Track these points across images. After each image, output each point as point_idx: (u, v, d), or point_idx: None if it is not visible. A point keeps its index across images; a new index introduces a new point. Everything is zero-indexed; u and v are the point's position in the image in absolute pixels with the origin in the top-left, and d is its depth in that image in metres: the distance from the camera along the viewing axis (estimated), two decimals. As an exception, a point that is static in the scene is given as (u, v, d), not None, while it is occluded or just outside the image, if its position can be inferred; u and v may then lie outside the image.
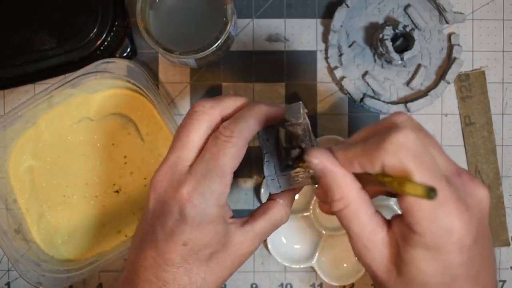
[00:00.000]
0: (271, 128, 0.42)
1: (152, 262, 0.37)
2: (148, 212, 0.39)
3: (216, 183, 0.36)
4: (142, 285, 0.38)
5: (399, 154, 0.31)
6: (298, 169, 0.41)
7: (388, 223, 0.35)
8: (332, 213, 0.37)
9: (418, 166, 0.31)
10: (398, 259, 0.34)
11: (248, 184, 0.57)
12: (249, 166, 0.57)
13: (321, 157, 0.34)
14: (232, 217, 0.39)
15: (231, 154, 0.37)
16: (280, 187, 0.42)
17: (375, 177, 0.33)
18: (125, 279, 0.39)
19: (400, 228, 0.34)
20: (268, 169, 0.42)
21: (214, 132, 0.38)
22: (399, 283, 0.34)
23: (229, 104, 0.39)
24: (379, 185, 0.33)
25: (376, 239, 0.34)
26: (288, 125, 0.41)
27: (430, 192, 0.29)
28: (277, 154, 0.43)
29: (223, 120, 0.39)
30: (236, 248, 0.38)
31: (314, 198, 0.55)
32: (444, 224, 0.31)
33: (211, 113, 0.38)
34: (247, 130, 0.37)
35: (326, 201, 0.37)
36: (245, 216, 0.40)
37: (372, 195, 0.36)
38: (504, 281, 0.57)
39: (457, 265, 0.32)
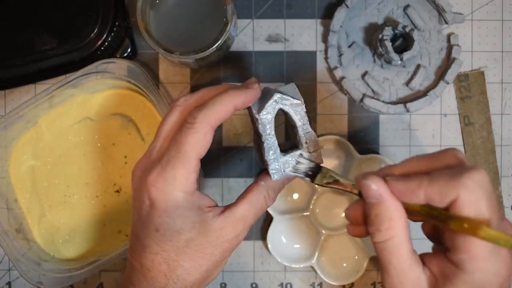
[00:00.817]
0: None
1: (135, 250, 0.39)
2: (132, 203, 0.40)
3: (179, 168, 0.37)
4: (129, 273, 0.39)
5: (477, 191, 0.31)
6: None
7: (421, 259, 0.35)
8: (361, 235, 0.37)
9: (489, 208, 0.32)
10: None
11: (248, 184, 0.57)
12: (249, 166, 0.57)
13: (379, 184, 0.34)
14: (212, 206, 0.39)
15: (194, 141, 0.37)
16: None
17: (436, 212, 0.32)
18: (124, 272, 0.41)
19: (440, 265, 0.34)
20: (257, 149, 0.42)
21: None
22: None
23: (203, 94, 0.40)
24: (431, 218, 0.33)
25: (413, 276, 0.34)
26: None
27: None
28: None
29: None
30: (217, 234, 0.38)
31: (314, 198, 0.55)
32: (495, 266, 0.32)
33: (183, 104, 0.40)
34: (210, 116, 0.37)
35: (357, 224, 0.37)
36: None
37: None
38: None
39: None
